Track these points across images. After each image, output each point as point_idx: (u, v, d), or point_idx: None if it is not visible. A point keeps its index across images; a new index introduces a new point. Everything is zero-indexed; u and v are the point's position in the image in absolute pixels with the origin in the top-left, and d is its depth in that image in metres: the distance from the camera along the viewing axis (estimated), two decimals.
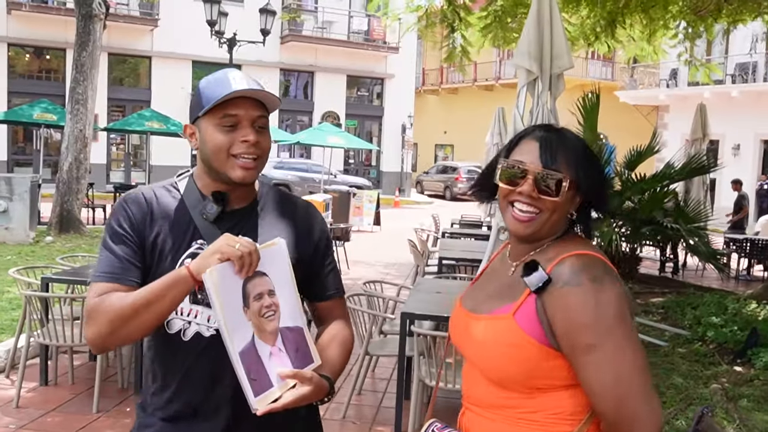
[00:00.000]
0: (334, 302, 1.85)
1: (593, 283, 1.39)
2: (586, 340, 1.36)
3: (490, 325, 1.48)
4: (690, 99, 21.83)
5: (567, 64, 5.94)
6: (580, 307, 1.38)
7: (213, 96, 1.62)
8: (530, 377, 1.43)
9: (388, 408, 4.81)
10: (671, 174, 9.74)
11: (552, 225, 1.51)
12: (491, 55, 29.45)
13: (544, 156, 1.49)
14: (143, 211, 1.68)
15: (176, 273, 1.53)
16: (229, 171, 1.65)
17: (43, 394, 4.74)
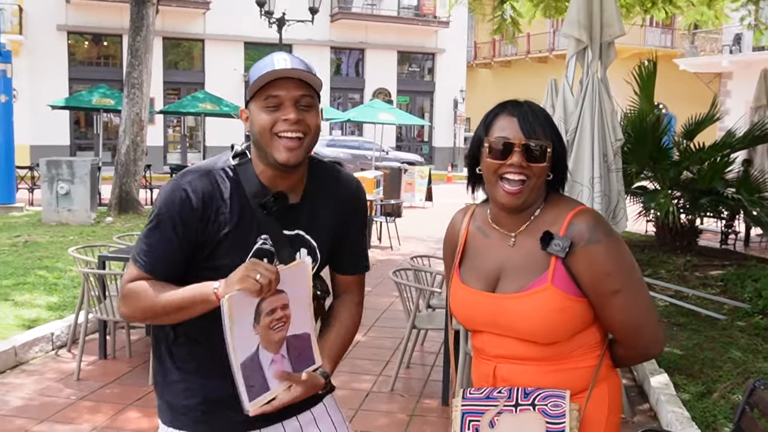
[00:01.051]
0: (352, 278, 1.92)
1: (609, 237, 1.62)
2: (613, 286, 1.61)
3: (532, 300, 1.62)
4: (755, 64, 20.99)
5: (618, 31, 5.76)
6: (604, 260, 1.60)
7: (258, 77, 1.65)
8: (574, 327, 1.65)
9: (436, 381, 4.82)
10: (732, 142, 9.39)
11: (537, 190, 1.66)
12: (544, 26, 28.85)
13: (525, 128, 1.64)
14: (207, 207, 1.67)
15: (204, 292, 1.59)
16: (274, 152, 1.66)
17: (102, 367, 4.91)
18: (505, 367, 1.70)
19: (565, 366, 1.68)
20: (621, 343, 1.72)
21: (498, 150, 1.65)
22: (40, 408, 4.15)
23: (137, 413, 4.13)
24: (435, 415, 4.28)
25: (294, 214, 1.75)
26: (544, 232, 1.62)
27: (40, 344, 5.14)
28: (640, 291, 1.66)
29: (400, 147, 27.06)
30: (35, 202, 13.70)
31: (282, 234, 1.72)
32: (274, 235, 1.71)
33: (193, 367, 1.76)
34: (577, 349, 1.68)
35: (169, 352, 1.79)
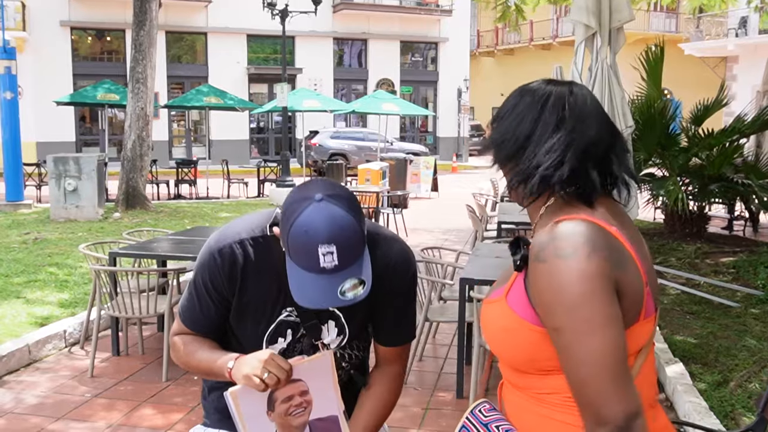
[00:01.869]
0: (392, 350, 1.86)
1: (556, 258, 1.23)
2: (552, 321, 1.24)
3: (488, 310, 1.40)
4: (761, 48, 20.87)
5: (627, 16, 5.73)
6: (544, 286, 1.24)
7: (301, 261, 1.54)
8: (532, 360, 1.32)
9: (449, 374, 4.81)
10: (741, 127, 9.32)
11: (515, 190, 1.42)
12: (547, 12, 28.72)
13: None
14: (236, 274, 1.71)
15: (221, 367, 1.67)
16: None
17: (116, 364, 4.91)
18: (507, 388, 1.48)
19: (542, 411, 1.34)
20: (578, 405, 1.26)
21: None
22: (55, 406, 4.15)
23: (152, 410, 4.12)
24: (450, 408, 4.27)
25: None
26: (515, 237, 1.35)
27: (53, 341, 5.14)
28: (584, 336, 1.20)
29: (404, 138, 26.99)
30: (43, 199, 13.71)
31: (314, 316, 1.74)
32: (300, 307, 1.69)
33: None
34: (555, 394, 1.32)
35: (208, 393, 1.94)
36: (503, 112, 1.45)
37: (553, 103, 1.38)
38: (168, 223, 10.48)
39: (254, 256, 1.70)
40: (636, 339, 1.29)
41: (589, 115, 1.38)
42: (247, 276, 1.71)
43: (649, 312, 1.31)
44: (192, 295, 1.77)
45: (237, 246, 1.71)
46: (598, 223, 1.28)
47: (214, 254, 1.72)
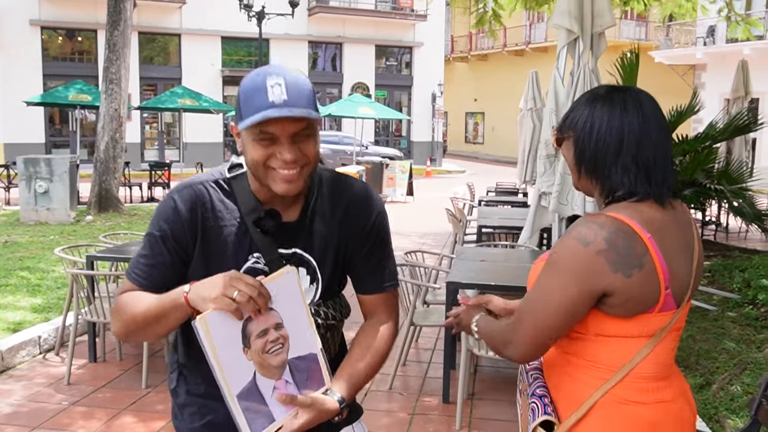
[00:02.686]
0: (376, 297, 1.76)
1: (575, 240, 1.47)
2: (539, 275, 1.55)
3: (535, 268, 1.65)
4: (728, 56, 21.22)
5: (609, 21, 5.76)
6: (554, 250, 1.53)
7: (250, 108, 1.49)
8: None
9: (434, 378, 4.78)
10: (714, 134, 9.46)
11: (574, 177, 1.63)
12: (521, 19, 28.95)
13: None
14: (197, 219, 1.59)
15: (175, 299, 1.47)
16: (271, 184, 1.56)
17: (93, 370, 4.80)
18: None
19: (565, 369, 1.59)
20: None
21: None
22: (31, 415, 4.04)
23: (132, 418, 4.03)
24: (436, 413, 4.23)
25: (291, 232, 1.64)
26: (573, 216, 1.67)
27: (27, 348, 5.01)
28: (541, 288, 1.52)
29: (378, 141, 26.99)
30: (12, 201, 13.44)
31: (277, 253, 1.61)
32: (269, 253, 1.60)
33: (201, 390, 1.70)
34: (578, 357, 1.56)
35: (180, 377, 1.76)
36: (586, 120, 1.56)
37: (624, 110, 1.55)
38: (142, 226, 10.32)
39: (215, 198, 1.61)
40: (647, 325, 1.50)
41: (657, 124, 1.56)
42: (208, 219, 1.59)
43: (668, 307, 1.49)
44: (146, 247, 1.60)
45: (197, 187, 1.62)
46: (632, 226, 1.46)
47: (174, 197, 1.60)
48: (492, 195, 12.02)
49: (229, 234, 1.60)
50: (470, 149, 36.88)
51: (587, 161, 1.55)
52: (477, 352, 4.06)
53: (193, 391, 1.72)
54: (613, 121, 1.52)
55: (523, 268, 4.95)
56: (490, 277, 4.52)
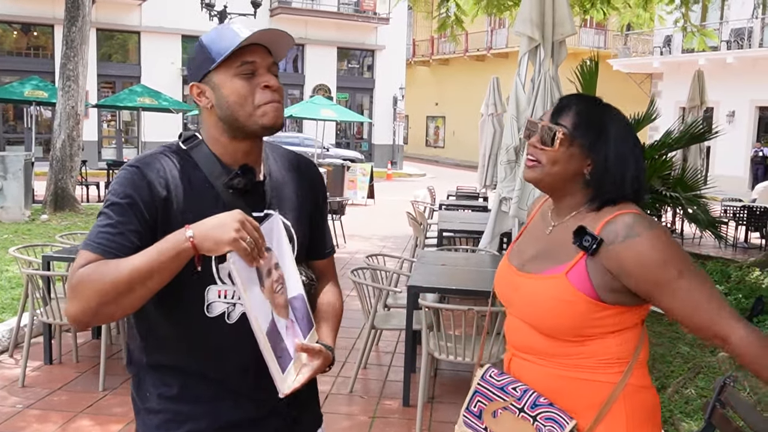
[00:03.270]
0: (327, 261, 1.85)
1: (650, 230, 1.53)
2: (669, 273, 1.50)
3: (543, 284, 1.62)
4: (684, 66, 21.75)
5: (569, 30, 5.86)
6: (651, 251, 1.51)
7: (224, 47, 1.52)
8: (581, 327, 1.58)
9: (394, 381, 4.80)
10: (670, 142, 9.67)
11: (554, 177, 1.65)
12: (483, 24, 29.22)
13: (554, 114, 1.67)
14: (159, 181, 1.50)
15: (177, 245, 1.35)
16: (259, 119, 1.54)
17: (48, 372, 4.71)
18: (517, 362, 1.73)
19: (576, 375, 1.62)
20: (695, 333, 1.56)
21: (528, 131, 1.72)
22: None
23: (88, 421, 3.96)
24: (396, 416, 4.25)
25: (260, 193, 1.62)
26: (578, 226, 1.60)
27: None
28: (701, 281, 1.52)
29: (339, 144, 26.95)
30: None
31: (252, 215, 1.51)
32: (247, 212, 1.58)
33: (174, 392, 1.57)
34: (590, 358, 1.61)
35: (147, 379, 1.61)
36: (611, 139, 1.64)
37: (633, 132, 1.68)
38: None
39: (179, 168, 1.55)
40: (644, 310, 1.64)
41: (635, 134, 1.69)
42: (175, 188, 1.52)
43: None
44: (111, 216, 1.46)
45: (159, 157, 1.56)
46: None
47: (137, 165, 1.52)
48: (453, 199, 12.10)
49: (198, 202, 1.53)
50: (431, 153, 37.07)
51: (607, 176, 1.62)
52: (437, 355, 4.09)
53: (165, 395, 1.58)
54: (635, 147, 1.65)
55: (484, 272, 5.01)
56: (451, 281, 4.57)
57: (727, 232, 11.68)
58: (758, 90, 21.20)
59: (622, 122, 1.67)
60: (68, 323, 1.59)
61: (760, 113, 22.03)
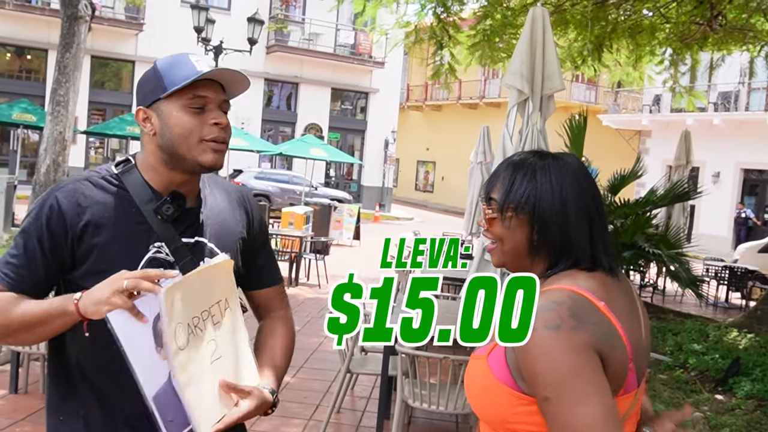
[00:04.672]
0: (272, 290, 1.79)
1: (546, 330, 1.24)
2: (541, 391, 1.25)
3: (471, 364, 1.43)
4: (672, 125, 22.09)
5: (558, 85, 5.93)
6: (533, 356, 1.25)
7: (179, 77, 1.51)
8: (506, 421, 1.33)
9: (367, 427, 4.71)
10: (654, 199, 9.76)
11: (511, 256, 1.44)
12: (476, 73, 29.62)
13: (486, 189, 1.49)
14: (83, 214, 1.49)
15: (64, 305, 1.39)
16: (199, 155, 1.53)
17: (13, 402, 4.58)
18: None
19: None
20: None
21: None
22: None
23: None
24: None
25: (192, 220, 1.60)
26: None
27: None
28: (576, 406, 1.21)
29: (328, 183, 26.99)
30: None
31: (181, 242, 1.55)
32: (172, 242, 1.54)
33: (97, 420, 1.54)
34: None
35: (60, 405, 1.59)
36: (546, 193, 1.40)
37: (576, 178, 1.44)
38: None
39: (104, 193, 1.53)
40: None
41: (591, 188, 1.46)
42: (95, 216, 1.49)
43: (630, 387, 1.34)
44: (19, 246, 1.48)
45: (82, 183, 1.53)
46: (586, 296, 1.31)
47: (55, 194, 1.51)
48: None
49: (124, 227, 1.51)
50: (420, 197, 37.22)
51: (551, 238, 1.38)
52: (411, 403, 4.02)
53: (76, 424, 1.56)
54: (577, 193, 1.41)
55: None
56: None
57: (708, 292, 11.77)
58: (743, 152, 21.53)
59: (559, 169, 1.42)
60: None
61: (745, 175, 22.34)
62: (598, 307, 1.30)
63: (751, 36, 10.67)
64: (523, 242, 1.41)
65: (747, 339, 7.24)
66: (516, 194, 1.41)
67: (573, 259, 1.38)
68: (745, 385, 5.74)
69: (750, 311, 8.62)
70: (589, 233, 1.39)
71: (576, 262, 1.38)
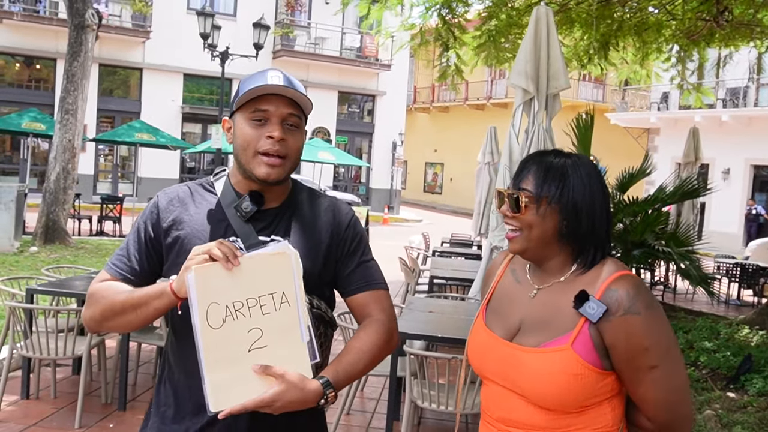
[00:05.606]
0: (364, 296, 1.75)
1: (649, 309, 1.50)
2: (650, 361, 1.49)
3: (548, 358, 1.52)
4: (681, 122, 21.99)
5: (563, 84, 5.92)
6: (642, 334, 1.48)
7: (247, 89, 1.64)
8: (586, 398, 1.52)
9: (376, 429, 4.71)
10: (663, 197, 9.71)
11: (537, 242, 1.60)
12: (483, 74, 29.61)
13: (515, 180, 1.63)
14: (174, 209, 1.70)
15: (161, 286, 1.54)
16: (255, 167, 1.64)
17: (24, 407, 4.61)
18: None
19: None
20: (653, 420, 1.57)
21: (499, 201, 1.68)
22: None
23: None
24: None
25: (271, 220, 1.70)
26: (580, 291, 1.52)
27: None
28: (677, 367, 1.53)
29: (337, 187, 27.03)
30: None
31: (257, 239, 1.65)
32: (247, 239, 1.64)
33: (170, 414, 1.66)
34: (585, 428, 1.55)
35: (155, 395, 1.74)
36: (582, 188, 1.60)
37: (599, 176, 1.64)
38: (88, 260, 10.08)
39: (196, 194, 1.74)
40: None
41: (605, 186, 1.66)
42: (185, 212, 1.69)
43: None
44: (128, 241, 1.72)
45: (181, 186, 1.77)
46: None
47: (158, 194, 1.75)
48: (447, 246, 12.09)
49: (205, 223, 1.68)
50: (429, 199, 37.20)
51: (579, 228, 1.58)
52: (421, 404, 4.02)
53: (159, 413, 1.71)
54: (601, 190, 1.61)
55: (471, 321, 4.96)
56: (437, 328, 4.52)
57: (720, 289, 11.70)
58: (753, 148, 21.41)
59: (585, 168, 1.61)
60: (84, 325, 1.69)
61: (755, 171, 22.21)
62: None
63: (759, 31, 10.61)
64: (552, 230, 1.58)
65: (759, 336, 7.19)
66: (551, 186, 1.57)
67: (595, 248, 1.59)
68: (757, 383, 5.70)
69: (762, 308, 8.56)
70: (606, 226, 1.60)
71: (599, 251, 1.59)
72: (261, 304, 1.48)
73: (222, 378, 1.44)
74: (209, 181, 1.78)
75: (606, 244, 1.60)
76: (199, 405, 1.55)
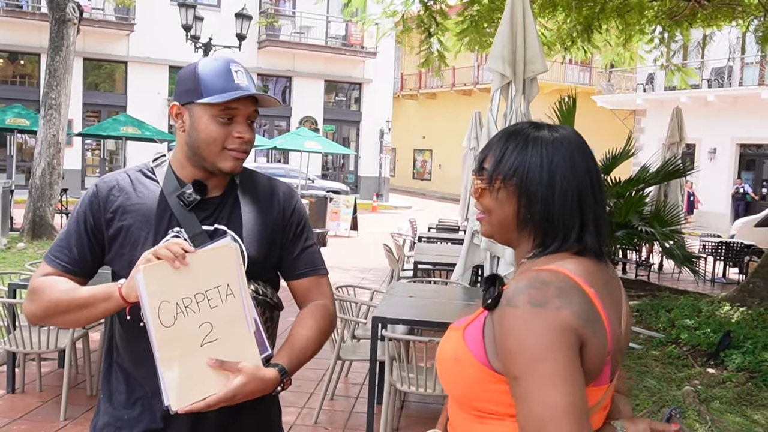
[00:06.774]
0: (308, 281, 1.79)
1: (530, 306, 1.19)
2: (513, 369, 1.19)
3: (446, 336, 1.39)
4: (667, 103, 22.06)
5: (541, 68, 5.95)
6: (511, 332, 1.20)
7: (215, 88, 1.61)
8: (472, 398, 1.29)
9: (360, 413, 4.77)
10: (646, 177, 9.78)
11: (498, 227, 1.38)
12: (469, 59, 29.56)
13: (479, 160, 1.42)
14: (115, 199, 1.66)
15: (109, 289, 1.52)
16: (220, 161, 1.65)
17: (10, 401, 4.65)
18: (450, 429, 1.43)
19: None
20: None
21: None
22: None
23: None
24: None
25: (214, 208, 1.70)
26: (491, 274, 1.33)
27: None
28: (545, 390, 1.15)
29: (325, 176, 27.03)
30: None
31: (200, 228, 1.65)
32: (191, 229, 1.64)
33: (122, 399, 1.67)
34: None
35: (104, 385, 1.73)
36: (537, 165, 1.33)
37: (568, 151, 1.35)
38: None
39: (136, 182, 1.70)
40: None
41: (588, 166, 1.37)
42: (126, 200, 1.66)
43: (603, 381, 1.27)
44: (67, 232, 1.68)
45: (119, 174, 1.73)
46: (576, 280, 1.24)
47: (96, 183, 1.71)
48: (433, 231, 12.14)
49: (148, 212, 1.65)
50: (418, 186, 37.24)
51: (538, 212, 1.31)
52: (400, 387, 4.08)
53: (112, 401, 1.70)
54: (566, 167, 1.32)
55: (453, 304, 5.02)
56: (417, 312, 4.57)
57: (706, 268, 11.82)
58: (739, 127, 21.51)
59: (553, 142, 1.34)
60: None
61: (741, 150, 22.33)
62: (588, 293, 1.23)
63: (740, 11, 10.66)
64: (511, 215, 1.35)
65: (739, 313, 7.29)
66: (505, 165, 1.34)
67: (560, 239, 1.31)
68: (736, 358, 5.79)
69: (742, 285, 8.66)
70: (579, 214, 1.31)
71: (564, 243, 1.31)
72: (208, 298, 1.51)
73: (178, 374, 1.46)
74: (149, 167, 1.75)
75: (572, 233, 1.31)
76: (152, 391, 1.58)
